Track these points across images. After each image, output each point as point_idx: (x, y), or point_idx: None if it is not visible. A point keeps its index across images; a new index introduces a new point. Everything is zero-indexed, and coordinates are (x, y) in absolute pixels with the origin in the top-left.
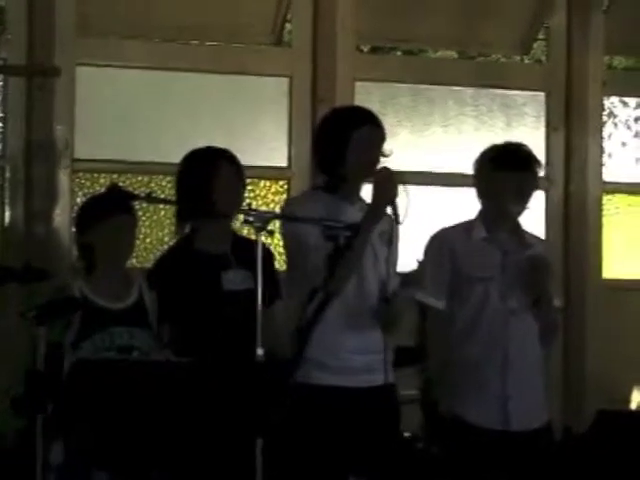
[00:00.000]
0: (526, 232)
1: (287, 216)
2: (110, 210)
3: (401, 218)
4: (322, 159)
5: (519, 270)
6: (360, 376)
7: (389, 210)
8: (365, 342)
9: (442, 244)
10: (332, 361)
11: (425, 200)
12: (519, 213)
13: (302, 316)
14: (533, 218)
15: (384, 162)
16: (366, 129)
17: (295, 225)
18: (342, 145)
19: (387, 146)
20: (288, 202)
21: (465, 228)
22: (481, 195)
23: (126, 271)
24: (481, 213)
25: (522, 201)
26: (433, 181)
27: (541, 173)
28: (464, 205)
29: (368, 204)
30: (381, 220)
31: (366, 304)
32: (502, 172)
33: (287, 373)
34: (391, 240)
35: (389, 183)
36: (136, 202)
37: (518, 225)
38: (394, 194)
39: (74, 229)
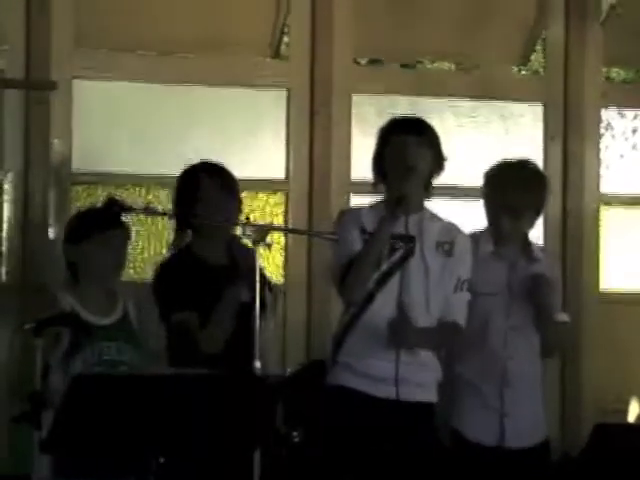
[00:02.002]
0: (534, 245)
1: (282, 228)
2: (92, 229)
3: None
4: (374, 172)
5: (523, 287)
6: (384, 386)
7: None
8: (395, 353)
9: None
10: (358, 365)
11: None
12: (514, 230)
13: (340, 322)
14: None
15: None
16: (395, 138)
17: (342, 229)
18: (380, 156)
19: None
20: (346, 208)
21: (472, 240)
22: (484, 209)
23: (111, 286)
24: (490, 225)
25: (517, 218)
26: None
27: (546, 190)
28: (464, 218)
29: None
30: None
31: (409, 314)
32: (495, 189)
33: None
34: (451, 251)
35: (396, 180)
36: (134, 214)
37: (526, 239)
38: (402, 191)
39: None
